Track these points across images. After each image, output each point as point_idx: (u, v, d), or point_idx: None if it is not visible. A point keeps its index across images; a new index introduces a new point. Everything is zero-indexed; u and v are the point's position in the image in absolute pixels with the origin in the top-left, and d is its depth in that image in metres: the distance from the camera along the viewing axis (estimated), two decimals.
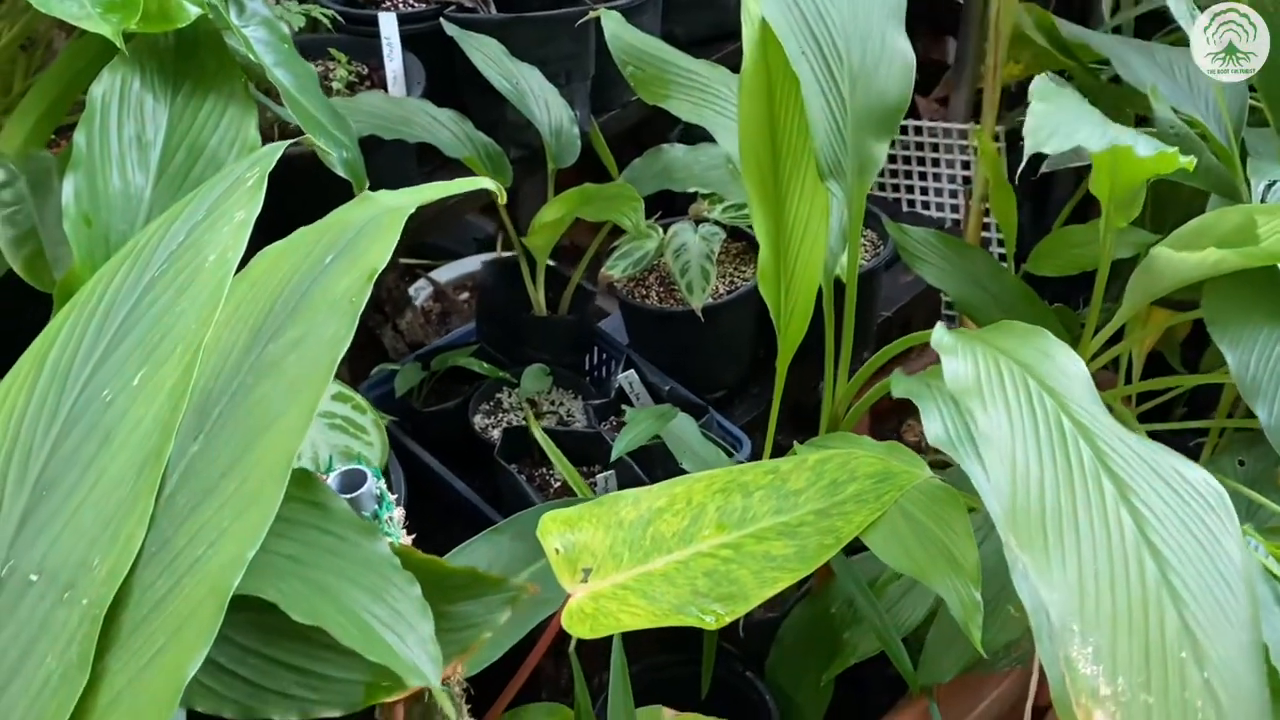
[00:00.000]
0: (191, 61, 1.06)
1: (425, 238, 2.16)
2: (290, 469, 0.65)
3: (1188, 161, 0.96)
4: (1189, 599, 0.69)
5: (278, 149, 0.83)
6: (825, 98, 1.00)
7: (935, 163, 1.92)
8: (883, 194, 1.94)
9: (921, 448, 1.32)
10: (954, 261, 1.45)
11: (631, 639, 1.02)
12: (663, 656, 1.43)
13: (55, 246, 0.99)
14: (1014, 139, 1.86)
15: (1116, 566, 0.69)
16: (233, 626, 0.85)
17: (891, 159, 1.93)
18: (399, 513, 0.91)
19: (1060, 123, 0.93)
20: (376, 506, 0.85)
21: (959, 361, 0.81)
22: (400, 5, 1.49)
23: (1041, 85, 0.97)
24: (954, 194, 1.90)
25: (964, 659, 1.31)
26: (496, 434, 1.36)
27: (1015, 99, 2.16)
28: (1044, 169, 1.83)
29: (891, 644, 1.24)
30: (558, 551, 0.94)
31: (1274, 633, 1.02)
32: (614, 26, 1.26)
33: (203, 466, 0.69)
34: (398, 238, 0.72)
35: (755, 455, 1.38)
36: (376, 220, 0.73)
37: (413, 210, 0.74)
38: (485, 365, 1.39)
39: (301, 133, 1.05)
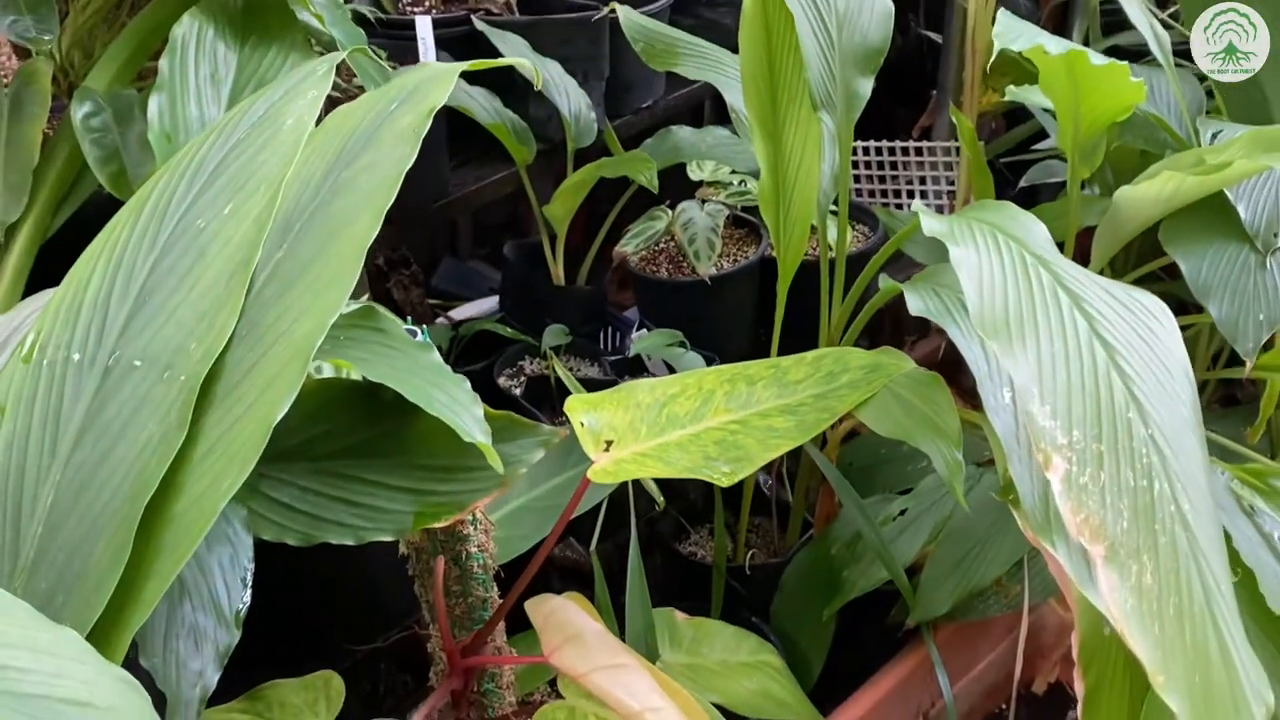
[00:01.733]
0: (257, 19, 1.20)
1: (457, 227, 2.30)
2: (363, 257, 0.77)
3: (1138, 83, 1.09)
4: (1134, 377, 0.79)
5: (342, 53, 0.96)
6: (816, 38, 1.13)
7: (922, 180, 2.06)
8: (874, 200, 2.08)
9: None
10: (932, 241, 1.58)
11: None
12: (674, 603, 1.51)
13: (136, 167, 1.12)
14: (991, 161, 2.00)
15: (1071, 352, 0.79)
16: (291, 473, 0.96)
17: (880, 178, 2.08)
18: None
19: (1024, 30, 1.06)
20: None
21: (936, 222, 0.93)
22: (433, 10, 1.64)
23: (1004, 15, 1.11)
24: (939, 208, 2.03)
25: (956, 593, 1.40)
26: (519, 393, 1.47)
27: (994, 134, 2.32)
28: (1024, 182, 1.98)
29: (893, 567, 1.33)
30: (583, 425, 1.04)
31: (1244, 540, 1.13)
32: (626, 13, 1.41)
33: (287, 266, 0.80)
34: (452, 87, 0.84)
35: None
36: (434, 76, 0.85)
37: (463, 70, 0.86)
38: (509, 330, 1.50)
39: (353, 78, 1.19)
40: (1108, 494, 0.73)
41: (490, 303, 2.50)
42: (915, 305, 1.02)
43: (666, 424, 1.06)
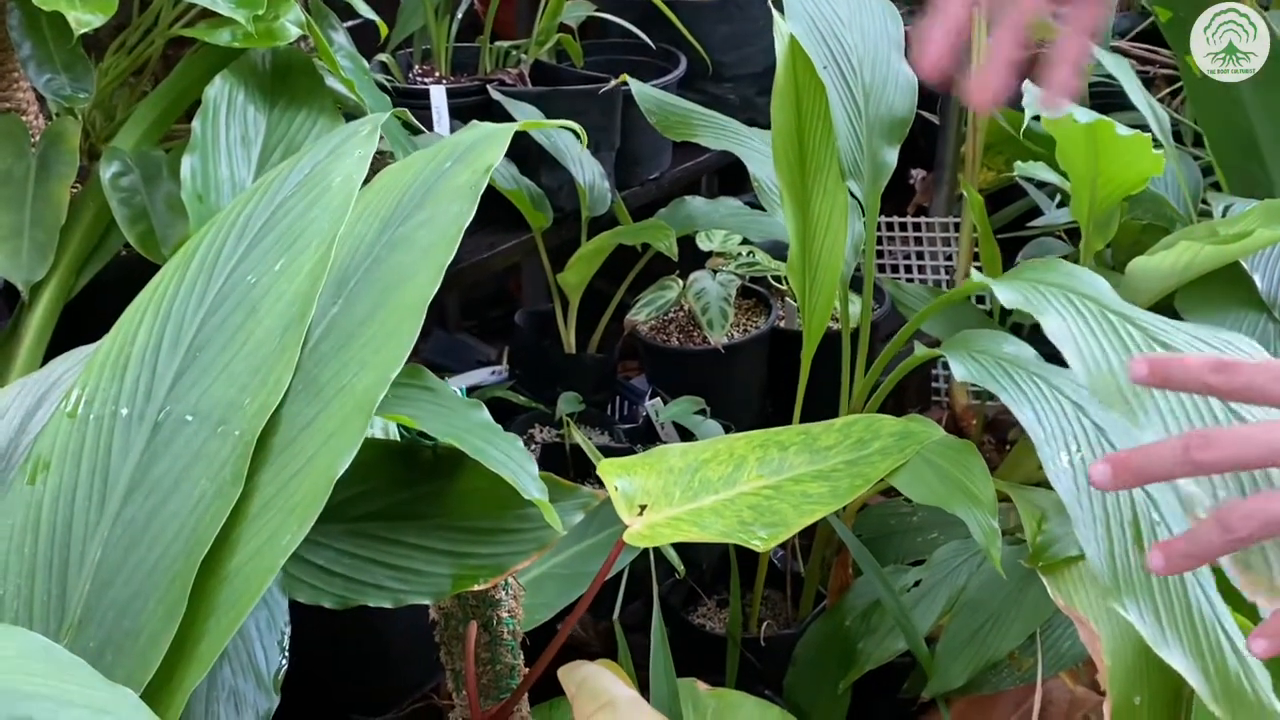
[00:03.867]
0: (286, 82, 1.20)
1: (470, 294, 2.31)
2: (424, 312, 0.76)
3: (1159, 155, 1.11)
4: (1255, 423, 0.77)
5: (386, 114, 0.97)
6: (845, 108, 1.15)
7: (919, 255, 2.08)
8: (880, 274, 2.10)
9: None
10: (945, 312, 1.59)
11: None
12: (685, 675, 1.49)
13: (165, 227, 1.12)
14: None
15: (1190, 410, 0.75)
16: (328, 535, 0.95)
17: (879, 254, 2.10)
18: None
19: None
20: None
21: (1007, 289, 0.92)
22: (446, 80, 1.66)
23: (1031, 87, 1.13)
24: (937, 283, 2.06)
25: (972, 666, 1.39)
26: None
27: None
28: (1020, 258, 2.01)
29: (914, 638, 1.32)
30: (617, 489, 1.04)
31: None
32: (639, 87, 1.43)
33: (343, 321, 0.80)
34: (506, 146, 0.85)
35: None
36: (488, 134, 0.86)
37: (516, 129, 0.87)
38: (521, 397, 1.50)
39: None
40: (1270, 552, 0.72)
41: (480, 374, 2.50)
42: (961, 372, 1.02)
43: (700, 489, 1.06)
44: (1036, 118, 1.13)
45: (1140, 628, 0.79)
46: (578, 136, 1.38)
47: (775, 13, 1.14)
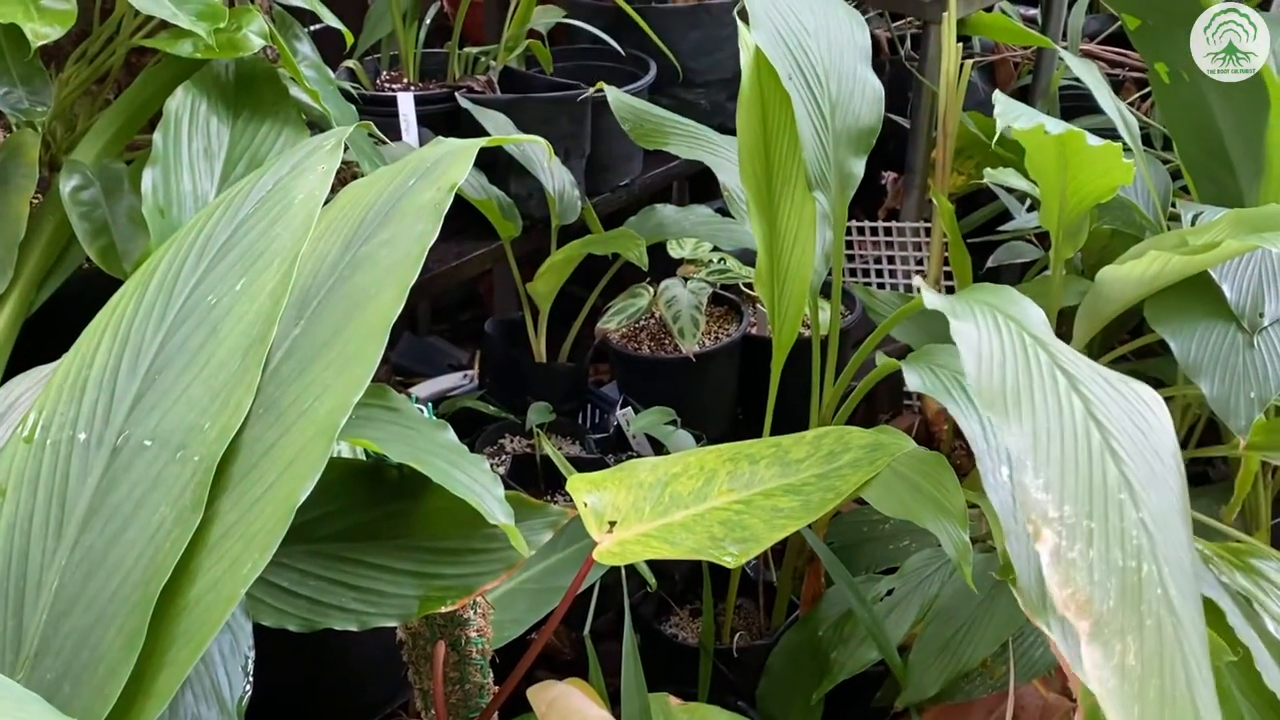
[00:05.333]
0: (250, 93, 1.19)
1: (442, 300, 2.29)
2: (387, 334, 0.75)
3: (1129, 164, 1.11)
4: (1127, 459, 0.78)
5: (350, 127, 0.96)
6: (811, 119, 1.15)
7: (890, 259, 2.08)
8: (852, 279, 2.09)
9: None
10: (915, 318, 1.59)
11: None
12: (658, 687, 1.48)
13: (125, 241, 1.10)
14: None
15: (1066, 430, 0.78)
16: (291, 556, 0.94)
17: (849, 257, 2.09)
18: None
19: (1023, 111, 1.08)
20: None
21: (938, 299, 0.93)
22: (414, 87, 1.64)
23: (1002, 97, 1.13)
24: (909, 287, 2.05)
25: (945, 675, 1.39)
26: (504, 472, 1.45)
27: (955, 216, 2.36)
28: (991, 263, 2.01)
29: (887, 647, 1.32)
30: (586, 505, 1.03)
31: (1234, 618, 1.13)
32: (615, 94, 1.42)
33: (305, 343, 0.78)
34: (471, 163, 0.84)
35: None
36: (452, 151, 0.84)
37: (482, 145, 0.85)
38: (491, 407, 1.49)
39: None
40: (1096, 571, 0.72)
41: (452, 379, 2.48)
42: (914, 382, 1.02)
43: (670, 504, 1.05)
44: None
45: (1062, 647, 0.79)
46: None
47: (740, 23, 1.14)
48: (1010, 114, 1.09)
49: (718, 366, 1.56)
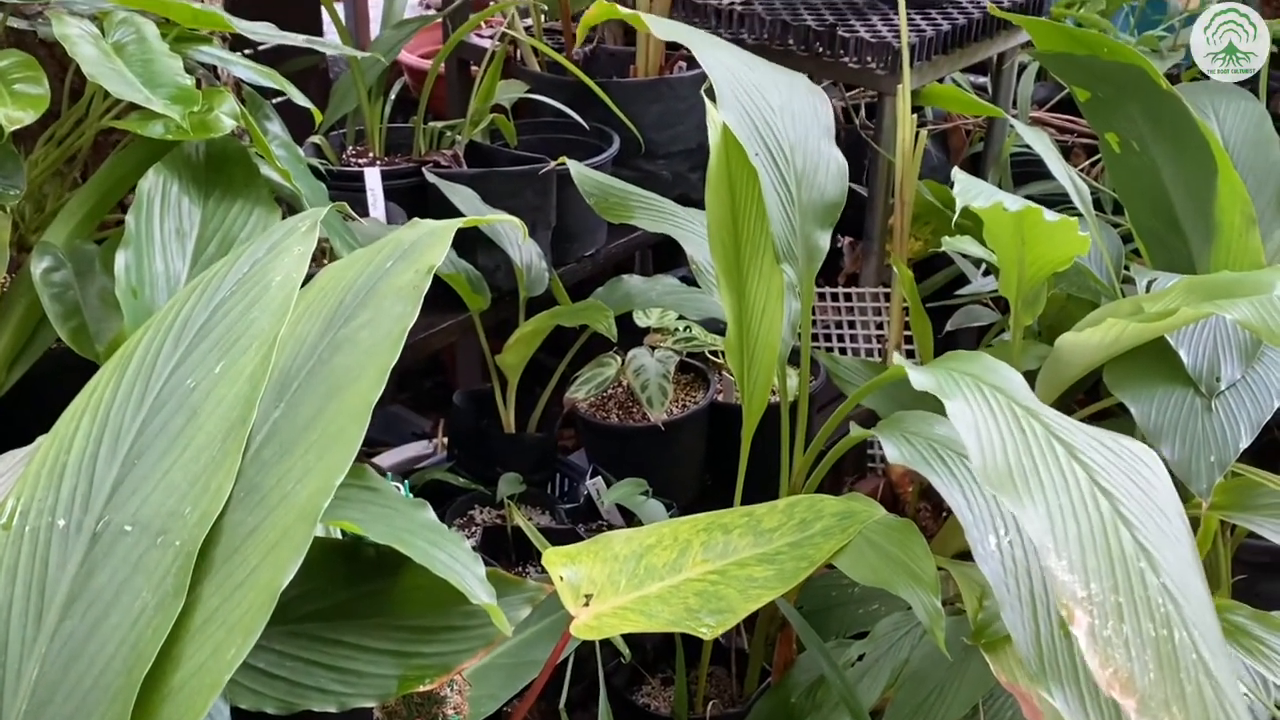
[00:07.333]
0: (221, 173, 1.20)
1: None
2: (368, 416, 0.76)
3: (1085, 236, 1.14)
4: (1138, 524, 0.80)
5: (325, 208, 0.97)
6: (778, 193, 1.17)
7: (851, 324, 2.11)
8: (814, 344, 2.12)
9: None
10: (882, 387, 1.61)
11: None
12: None
13: (97, 322, 1.10)
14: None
15: (1076, 504, 0.81)
16: (270, 638, 0.93)
17: (813, 323, 2.12)
18: None
19: (983, 189, 1.11)
20: None
21: (923, 376, 0.95)
22: (380, 162, 1.66)
23: (961, 175, 1.16)
24: (870, 351, 2.08)
25: None
26: (475, 544, 1.45)
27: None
28: (949, 327, 2.04)
29: (860, 713, 1.32)
30: (562, 579, 1.03)
31: None
32: (578, 169, 1.44)
33: (286, 426, 0.79)
34: (449, 245, 0.85)
35: None
36: (431, 232, 0.86)
37: (461, 225, 0.87)
38: (461, 479, 1.49)
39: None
40: (1132, 646, 0.74)
41: (416, 447, 2.47)
42: (894, 454, 1.04)
43: (645, 576, 1.05)
44: None
45: (1066, 714, 0.80)
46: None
47: (708, 102, 1.16)
48: (970, 192, 1.12)
49: (686, 434, 1.57)
